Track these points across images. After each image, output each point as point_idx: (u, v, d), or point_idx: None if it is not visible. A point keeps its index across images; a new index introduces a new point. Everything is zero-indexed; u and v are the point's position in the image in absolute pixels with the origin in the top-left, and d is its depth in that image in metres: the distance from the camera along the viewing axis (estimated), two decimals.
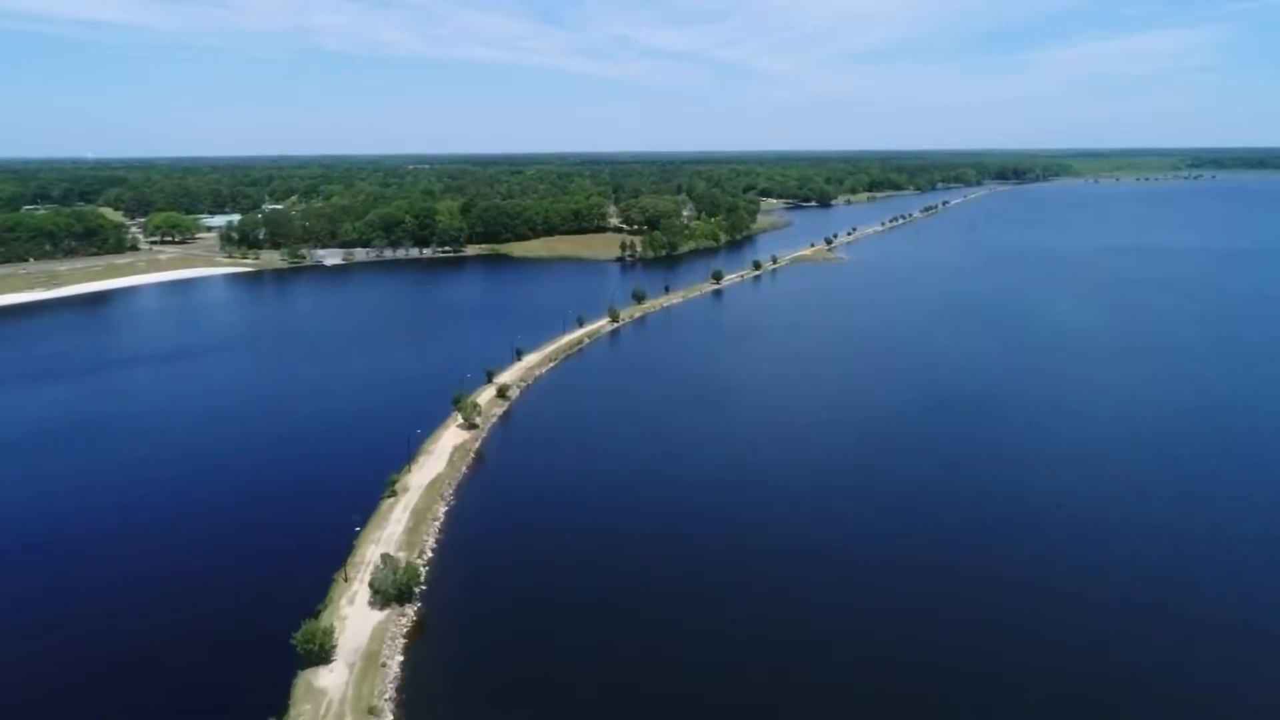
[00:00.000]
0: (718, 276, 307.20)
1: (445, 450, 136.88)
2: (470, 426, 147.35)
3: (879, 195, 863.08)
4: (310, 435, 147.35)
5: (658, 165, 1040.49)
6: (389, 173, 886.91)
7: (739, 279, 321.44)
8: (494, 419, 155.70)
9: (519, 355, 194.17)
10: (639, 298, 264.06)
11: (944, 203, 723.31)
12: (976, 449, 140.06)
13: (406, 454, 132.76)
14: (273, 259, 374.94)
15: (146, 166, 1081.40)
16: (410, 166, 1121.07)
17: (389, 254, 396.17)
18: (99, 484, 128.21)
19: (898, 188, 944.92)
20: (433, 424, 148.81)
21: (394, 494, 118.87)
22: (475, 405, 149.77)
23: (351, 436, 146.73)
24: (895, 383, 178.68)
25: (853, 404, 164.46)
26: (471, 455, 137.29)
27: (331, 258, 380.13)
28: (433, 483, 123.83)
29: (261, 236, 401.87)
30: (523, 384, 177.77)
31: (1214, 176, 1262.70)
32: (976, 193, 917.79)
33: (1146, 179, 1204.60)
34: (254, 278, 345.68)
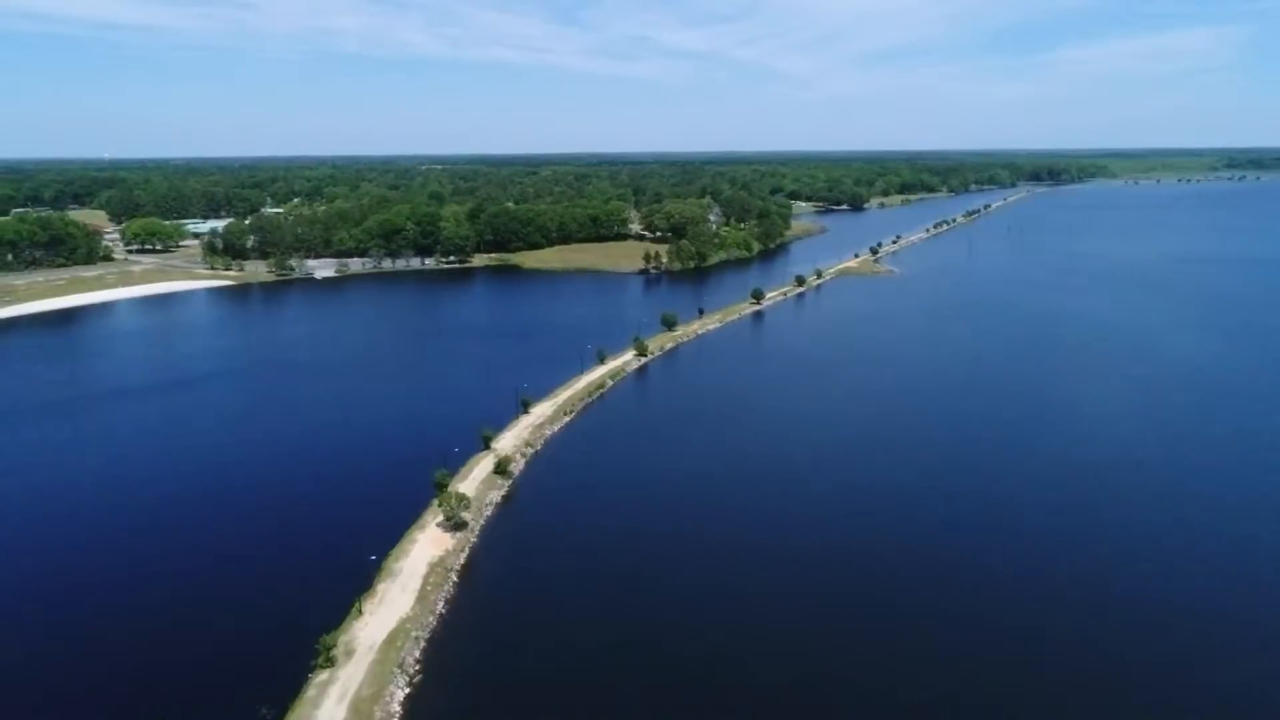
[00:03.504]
0: (758, 295, 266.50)
1: (417, 570, 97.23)
2: (455, 526, 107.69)
3: (912, 198, 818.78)
4: (227, 552, 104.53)
5: (677, 166, 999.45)
6: (399, 174, 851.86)
7: (781, 297, 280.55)
8: (490, 510, 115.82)
9: (525, 407, 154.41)
10: (669, 323, 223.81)
11: (985, 206, 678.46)
12: (1151, 549, 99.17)
13: (358, 585, 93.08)
14: (258, 271, 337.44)
15: (161, 167, 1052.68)
16: (423, 167, 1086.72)
17: (388, 264, 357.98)
18: None
19: (930, 189, 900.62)
20: (404, 520, 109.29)
21: (329, 663, 79.30)
22: (462, 497, 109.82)
23: (286, 553, 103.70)
24: (1020, 450, 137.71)
25: (972, 485, 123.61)
26: (454, 578, 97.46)
27: (323, 269, 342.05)
28: (391, 637, 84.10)
29: (249, 245, 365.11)
30: (529, 450, 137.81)
31: (1258, 177, 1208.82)
32: (1014, 195, 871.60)
33: (1188, 180, 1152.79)
34: (236, 293, 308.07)
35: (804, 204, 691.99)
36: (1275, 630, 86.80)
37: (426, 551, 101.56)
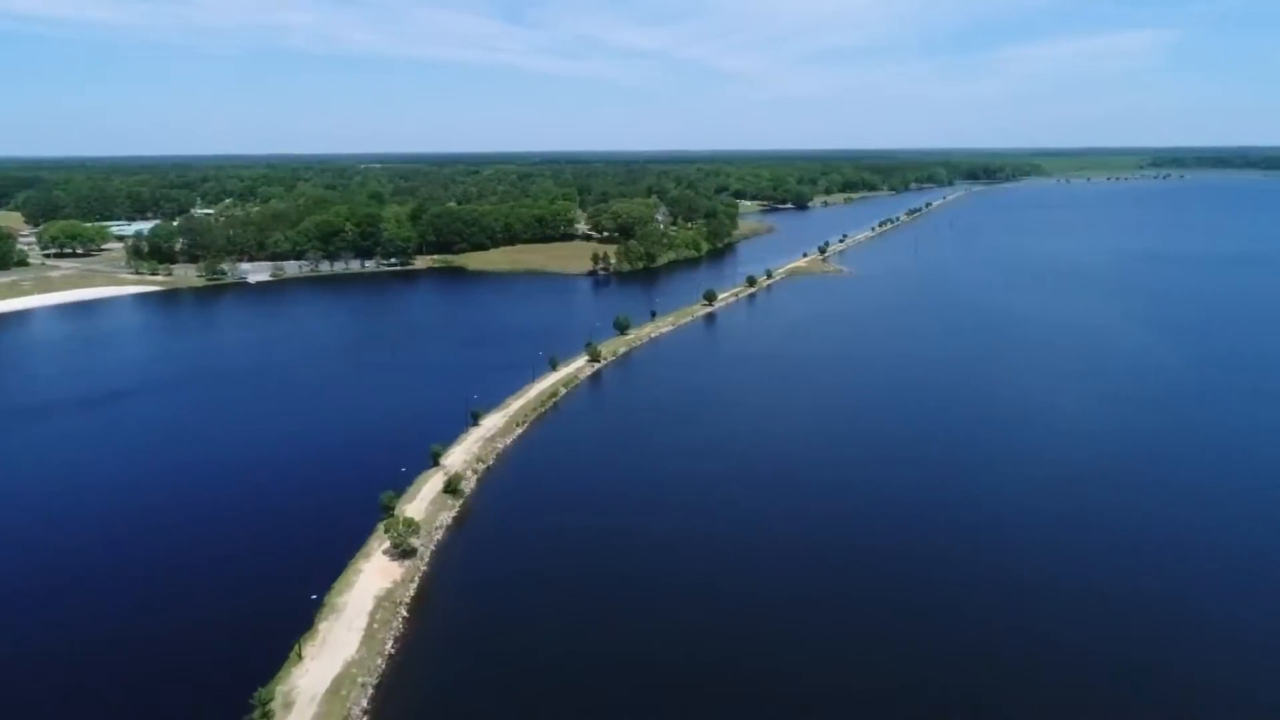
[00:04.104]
0: (710, 297, 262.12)
1: (363, 605, 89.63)
2: (403, 554, 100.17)
3: (855, 196, 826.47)
4: (149, 589, 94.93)
5: (622, 165, 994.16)
6: (337, 173, 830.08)
7: (733, 298, 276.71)
8: (440, 533, 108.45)
9: (475, 419, 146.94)
10: (621, 327, 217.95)
11: (927, 204, 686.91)
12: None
13: (297, 625, 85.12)
14: (188, 275, 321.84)
15: (84, 166, 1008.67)
16: (362, 166, 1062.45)
17: (326, 267, 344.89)
18: None
19: (872, 188, 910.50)
20: (348, 549, 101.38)
21: (266, 719, 71.60)
22: (410, 521, 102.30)
23: (215, 590, 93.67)
24: (983, 445, 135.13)
25: (936, 481, 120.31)
26: (403, 612, 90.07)
27: (257, 273, 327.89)
28: (336, 685, 76.64)
29: (178, 249, 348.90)
30: (480, 466, 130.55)
31: (1181, 176, 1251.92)
32: (953, 193, 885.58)
33: (1116, 179, 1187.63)
34: (164, 299, 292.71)
35: (749, 203, 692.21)
36: (1240, 624, 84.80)
37: (373, 583, 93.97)
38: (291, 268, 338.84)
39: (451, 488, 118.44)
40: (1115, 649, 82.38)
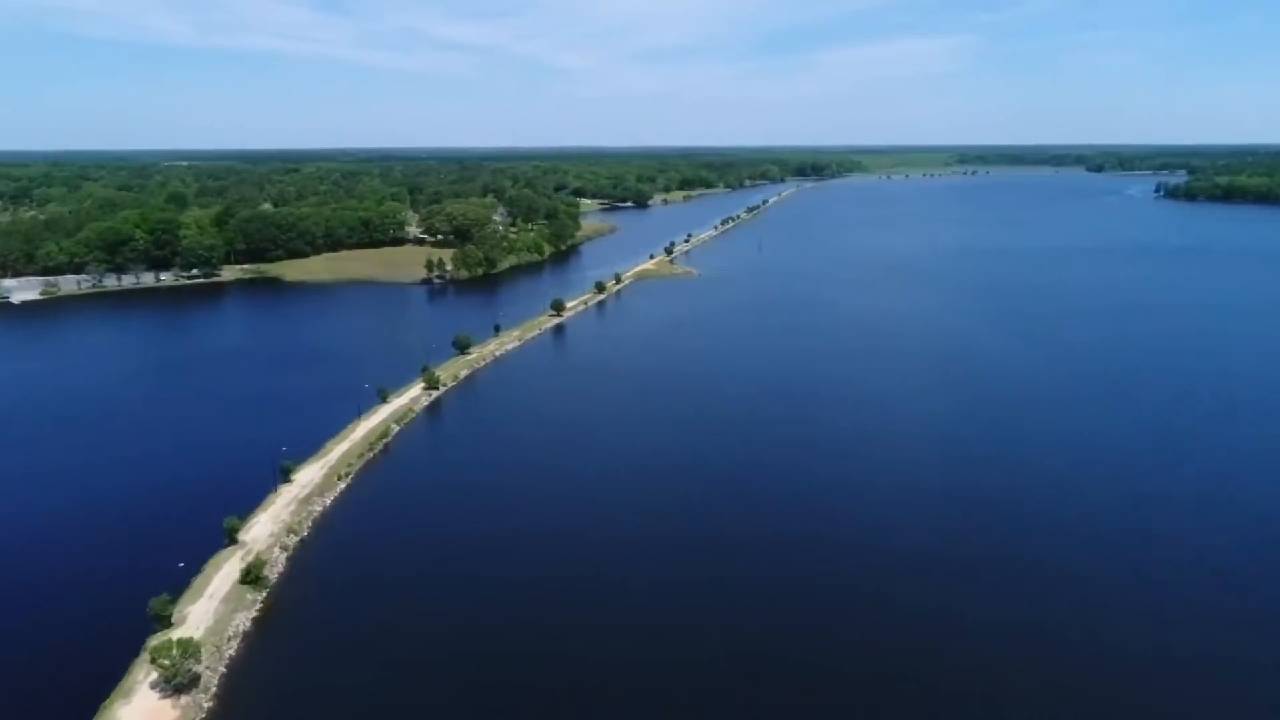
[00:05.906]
0: (558, 306, 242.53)
1: None
2: (179, 688, 75.14)
3: (693, 194, 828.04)
4: None
5: (456, 163, 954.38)
6: (134, 172, 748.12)
7: (582, 306, 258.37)
8: (234, 647, 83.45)
9: (286, 475, 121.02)
10: (462, 346, 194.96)
11: (764, 201, 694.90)
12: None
13: None
14: None
15: None
16: (164, 164, 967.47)
17: (111, 282, 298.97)
18: None
19: (708, 185, 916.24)
20: (97, 688, 75.21)
21: None
22: (187, 644, 77.13)
23: None
24: (844, 441, 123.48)
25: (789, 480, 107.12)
26: None
27: (23, 291, 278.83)
28: None
29: None
30: (292, 538, 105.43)
31: (987, 172, 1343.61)
32: (786, 189, 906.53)
33: (930, 175, 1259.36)
34: None
35: (589, 202, 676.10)
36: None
37: None
38: (68, 283, 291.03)
39: (252, 576, 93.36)
40: (1002, 616, 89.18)
